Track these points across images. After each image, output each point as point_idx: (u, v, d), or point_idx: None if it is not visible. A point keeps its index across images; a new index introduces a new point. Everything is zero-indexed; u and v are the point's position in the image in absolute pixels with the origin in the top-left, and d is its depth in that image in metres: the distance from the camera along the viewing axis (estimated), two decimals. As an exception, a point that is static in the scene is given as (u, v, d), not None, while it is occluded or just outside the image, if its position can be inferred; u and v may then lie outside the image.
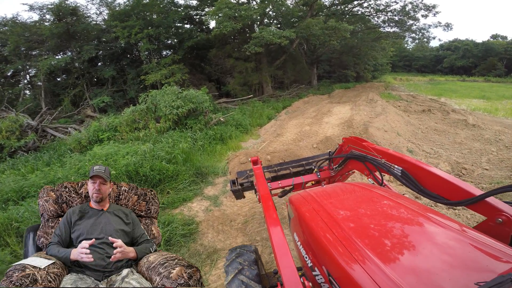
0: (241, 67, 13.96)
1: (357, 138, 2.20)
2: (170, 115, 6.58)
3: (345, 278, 0.97)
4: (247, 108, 10.86)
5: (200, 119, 7.42)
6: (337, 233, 1.13)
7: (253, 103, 12.03)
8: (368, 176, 2.03)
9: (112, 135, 7.58)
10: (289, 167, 2.96)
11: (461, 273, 0.82)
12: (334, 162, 2.63)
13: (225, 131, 7.62)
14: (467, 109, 12.77)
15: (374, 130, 6.68)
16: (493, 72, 40.33)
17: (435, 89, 21.12)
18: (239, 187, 2.83)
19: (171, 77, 11.89)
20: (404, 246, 0.99)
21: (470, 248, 0.92)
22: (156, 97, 7.33)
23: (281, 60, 15.59)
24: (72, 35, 13.70)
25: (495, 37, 50.95)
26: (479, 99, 16.43)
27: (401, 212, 1.21)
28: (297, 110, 11.44)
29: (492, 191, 1.16)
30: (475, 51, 45.64)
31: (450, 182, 1.36)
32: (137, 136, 6.67)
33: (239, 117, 8.82)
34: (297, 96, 16.25)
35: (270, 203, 1.77)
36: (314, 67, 22.16)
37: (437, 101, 14.89)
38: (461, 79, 35.94)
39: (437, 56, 52.61)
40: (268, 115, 10.50)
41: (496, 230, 1.13)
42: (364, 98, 12.74)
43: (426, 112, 11.31)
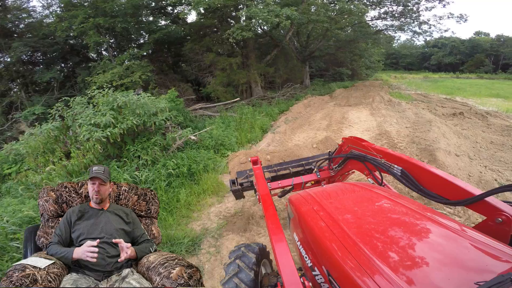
0: (223, 63, 11.00)
1: (356, 138, 2.17)
2: (91, 141, 3.57)
3: (345, 278, 0.96)
4: (232, 117, 7.93)
5: (154, 141, 4.46)
6: (337, 233, 1.12)
7: (241, 108, 9.12)
8: (368, 176, 2.01)
9: (21, 169, 4.61)
10: (289, 167, 2.95)
11: (461, 273, 0.81)
12: (334, 162, 2.61)
13: (197, 158, 4.71)
14: (498, 111, 10.70)
15: (444, 156, 4.03)
16: (482, 68, 39.79)
17: (440, 87, 19.40)
18: (238, 187, 2.84)
19: (128, 77, 8.74)
20: (404, 246, 0.97)
21: (470, 248, 0.91)
22: (76, 109, 4.29)
23: (272, 55, 12.75)
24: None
25: (478, 33, 50.88)
26: (496, 98, 14.72)
27: (401, 212, 1.20)
28: (299, 117, 8.63)
29: (491, 190, 1.15)
30: (462, 48, 45.20)
31: (449, 181, 1.34)
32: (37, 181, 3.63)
33: (220, 132, 5.87)
34: (292, 97, 13.50)
35: (270, 203, 1.77)
36: (306, 64, 19.59)
37: (457, 102, 12.80)
38: (454, 76, 34.97)
39: (424, 53, 52.06)
40: (262, 126, 7.60)
41: (495, 229, 1.12)
42: (378, 99, 10.21)
43: (458, 116, 9.11)
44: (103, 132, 3.59)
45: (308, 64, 20.39)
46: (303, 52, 18.87)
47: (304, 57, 18.88)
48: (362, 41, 17.46)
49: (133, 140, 4.72)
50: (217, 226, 3.41)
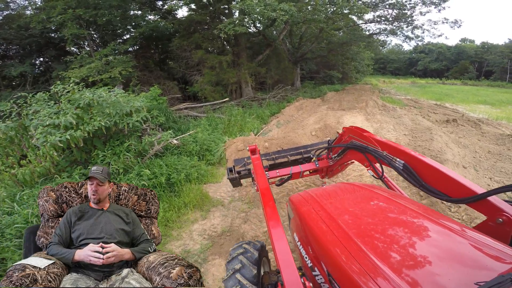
0: (213, 61, 10.41)
1: (357, 128, 2.13)
2: (46, 146, 2.94)
3: (345, 278, 0.95)
4: (220, 118, 7.38)
5: (128, 147, 3.87)
6: (337, 233, 1.11)
7: (230, 109, 8.57)
8: (368, 167, 1.98)
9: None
10: (287, 155, 2.88)
11: (461, 273, 0.81)
12: (333, 152, 2.55)
13: (179, 166, 4.15)
14: (489, 118, 10.73)
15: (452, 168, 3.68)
16: (466, 75, 40.91)
17: (428, 93, 19.59)
18: (236, 175, 2.77)
19: (107, 72, 8.00)
20: (404, 246, 0.97)
21: (470, 248, 0.91)
22: (34, 107, 3.64)
23: (264, 55, 12.27)
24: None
25: (464, 40, 52.44)
26: (484, 105, 15.01)
27: (401, 212, 1.19)
28: (292, 121, 8.18)
29: (494, 189, 1.13)
30: (448, 54, 46.38)
31: (452, 178, 1.31)
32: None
33: (206, 136, 5.31)
34: (284, 99, 13.06)
35: (270, 198, 1.71)
36: (298, 66, 19.24)
37: (448, 108, 12.80)
38: (440, 82, 35.67)
39: (411, 58, 53.11)
40: (252, 129, 7.09)
41: (496, 230, 1.11)
42: (372, 104, 9.93)
43: (451, 123, 8.99)
44: (62, 136, 2.97)
45: (300, 66, 20.08)
46: (295, 54, 18.52)
47: (296, 59, 18.53)
48: (355, 44, 17.28)
49: (105, 143, 4.12)
50: (200, 248, 2.91)
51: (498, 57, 38.60)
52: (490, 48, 42.92)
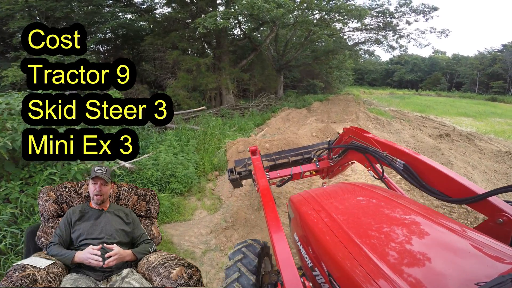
0: (190, 63, 9.20)
1: (358, 129, 2.14)
2: None
3: (346, 279, 0.95)
4: (194, 131, 6.16)
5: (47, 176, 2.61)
6: (338, 233, 1.10)
7: (207, 119, 7.38)
8: (368, 168, 1.96)
9: None
10: (288, 156, 2.91)
11: (462, 273, 0.81)
12: (334, 152, 2.56)
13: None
14: (478, 132, 10.56)
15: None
16: (438, 86, 42.75)
17: (409, 104, 19.81)
18: (237, 176, 2.81)
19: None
20: (404, 246, 0.96)
21: (470, 248, 0.91)
22: None
23: (249, 60, 11.26)
24: None
25: (437, 52, 55.05)
26: (466, 117, 15.12)
27: (402, 213, 1.18)
28: (278, 134, 7.16)
29: (494, 190, 1.13)
30: (422, 66, 48.42)
31: (453, 179, 1.31)
32: None
33: (171, 157, 4.05)
34: (268, 109, 12.08)
35: (270, 198, 1.70)
36: (281, 74, 18.51)
37: (434, 120, 12.61)
38: (417, 93, 36.87)
39: (387, 69, 54.88)
40: (232, 145, 5.94)
41: (496, 230, 1.11)
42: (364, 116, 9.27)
43: (445, 138, 8.53)
44: None
45: (283, 74, 19.38)
46: (279, 61, 17.74)
47: (280, 66, 17.78)
48: (341, 53, 16.86)
49: (23, 168, 2.87)
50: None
51: (468, 69, 40.73)
52: (461, 59, 45.33)
